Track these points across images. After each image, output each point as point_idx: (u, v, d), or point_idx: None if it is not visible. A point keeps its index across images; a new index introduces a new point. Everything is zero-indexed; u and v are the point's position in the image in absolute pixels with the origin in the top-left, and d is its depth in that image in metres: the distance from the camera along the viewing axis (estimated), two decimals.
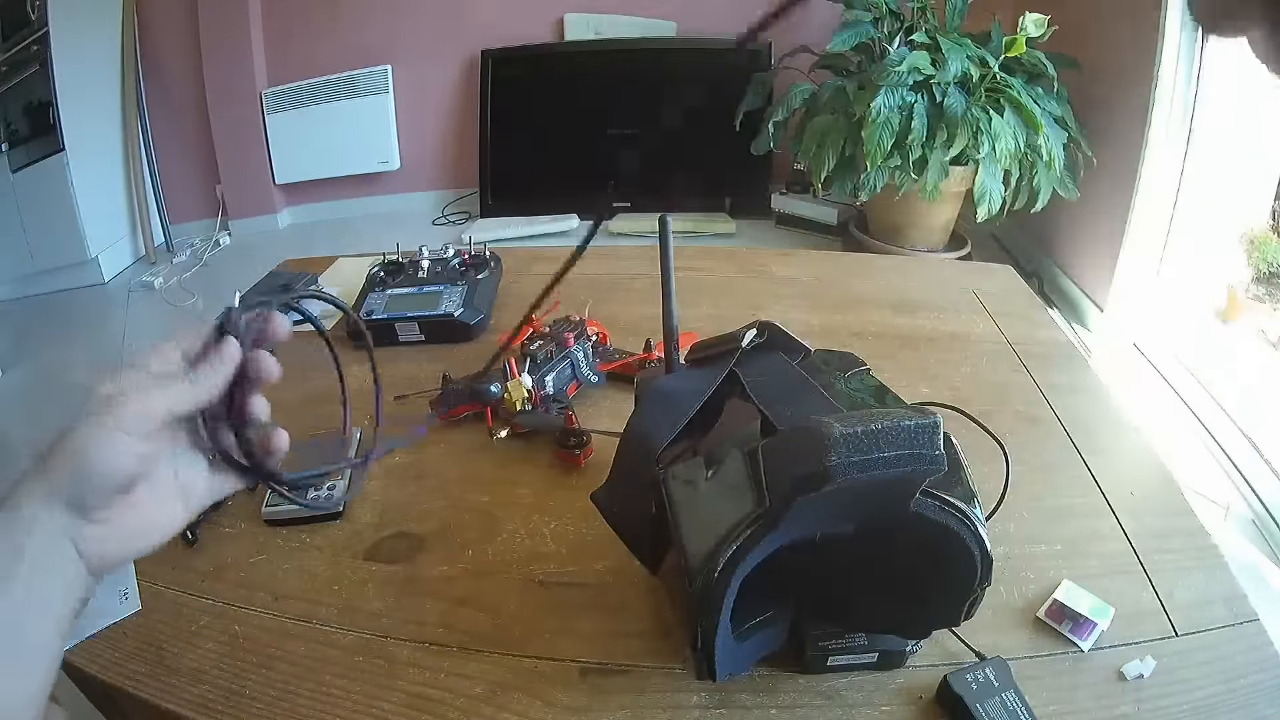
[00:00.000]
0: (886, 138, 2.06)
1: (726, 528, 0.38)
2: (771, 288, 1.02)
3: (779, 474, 0.37)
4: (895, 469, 0.35)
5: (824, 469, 0.34)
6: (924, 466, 0.36)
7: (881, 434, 0.35)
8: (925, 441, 0.35)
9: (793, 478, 0.36)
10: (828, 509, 0.38)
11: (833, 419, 0.35)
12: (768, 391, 0.45)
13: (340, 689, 0.50)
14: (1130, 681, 0.48)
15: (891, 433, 0.35)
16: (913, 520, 0.39)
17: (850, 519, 0.39)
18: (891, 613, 0.46)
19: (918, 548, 0.41)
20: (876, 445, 0.35)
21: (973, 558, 0.40)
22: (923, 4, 2.25)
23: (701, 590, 0.39)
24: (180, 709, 0.48)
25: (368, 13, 3.02)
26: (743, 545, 0.38)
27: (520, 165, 3.17)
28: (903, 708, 0.47)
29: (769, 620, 0.46)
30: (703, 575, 0.38)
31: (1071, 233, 2.38)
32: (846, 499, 0.36)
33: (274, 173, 3.17)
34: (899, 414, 0.36)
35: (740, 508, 0.38)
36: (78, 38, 2.62)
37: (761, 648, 0.47)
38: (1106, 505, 0.63)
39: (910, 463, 0.35)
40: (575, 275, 0.46)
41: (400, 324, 0.88)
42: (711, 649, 0.41)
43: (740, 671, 0.47)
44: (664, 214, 0.42)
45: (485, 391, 0.72)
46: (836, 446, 0.34)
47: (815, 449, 0.35)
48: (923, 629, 0.47)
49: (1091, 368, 0.86)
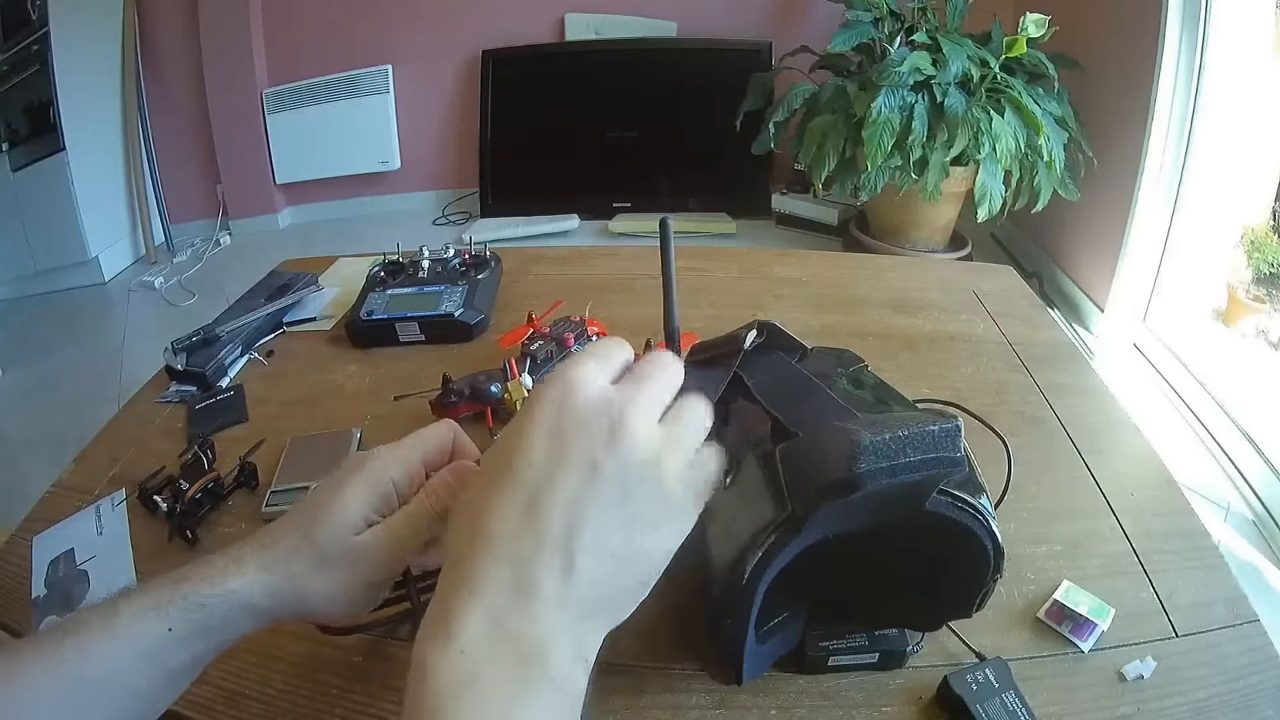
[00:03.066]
0: (887, 138, 2.06)
1: (750, 534, 0.38)
2: (771, 288, 1.01)
3: (801, 479, 0.37)
4: (920, 473, 0.36)
5: (854, 476, 0.35)
6: (946, 469, 0.36)
7: (908, 440, 0.35)
8: (949, 445, 0.36)
9: (820, 484, 0.36)
10: (847, 511, 0.38)
11: (859, 425, 0.36)
12: (775, 393, 0.45)
13: (340, 689, 0.50)
14: (1130, 682, 0.48)
15: (917, 438, 0.35)
16: (927, 518, 0.39)
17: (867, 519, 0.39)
18: (901, 608, 0.47)
19: (930, 542, 0.41)
20: (903, 451, 0.35)
21: (986, 551, 0.41)
22: (923, 4, 2.26)
23: (728, 596, 0.39)
24: (180, 709, 0.48)
25: (368, 13, 3.02)
26: (769, 551, 0.38)
27: (520, 165, 3.17)
28: (903, 708, 0.47)
29: (785, 622, 0.47)
30: (728, 582, 0.38)
31: (1071, 233, 2.38)
32: (868, 502, 0.36)
33: (274, 173, 3.17)
34: (922, 419, 0.36)
35: (762, 513, 0.38)
36: (78, 38, 2.62)
37: (780, 649, 0.48)
38: (1106, 505, 0.63)
39: (934, 466, 0.36)
40: (575, 275, 0.45)
41: (400, 324, 0.88)
42: (740, 654, 0.41)
43: (760, 673, 0.48)
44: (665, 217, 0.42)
45: (485, 391, 0.72)
46: (866, 454, 0.35)
47: (844, 456, 0.35)
48: (934, 622, 0.47)
49: (1092, 368, 0.86)
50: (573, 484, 0.28)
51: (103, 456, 0.73)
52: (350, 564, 0.37)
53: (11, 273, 2.74)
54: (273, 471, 0.67)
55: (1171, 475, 0.68)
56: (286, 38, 3.03)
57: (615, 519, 0.28)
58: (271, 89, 3.05)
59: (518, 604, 0.26)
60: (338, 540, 0.37)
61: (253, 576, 0.36)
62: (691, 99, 2.97)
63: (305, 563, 0.37)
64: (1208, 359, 1.90)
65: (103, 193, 2.83)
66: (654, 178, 3.07)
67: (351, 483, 0.38)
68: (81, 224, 2.71)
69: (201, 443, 0.71)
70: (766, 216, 3.00)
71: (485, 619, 0.26)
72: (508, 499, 0.28)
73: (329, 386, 0.82)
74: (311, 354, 0.89)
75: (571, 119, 3.11)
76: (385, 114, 3.14)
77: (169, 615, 0.34)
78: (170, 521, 0.62)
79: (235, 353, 0.86)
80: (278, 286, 0.97)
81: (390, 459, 0.39)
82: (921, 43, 2.13)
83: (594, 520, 0.28)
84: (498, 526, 0.28)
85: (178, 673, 0.36)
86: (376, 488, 0.38)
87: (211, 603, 0.35)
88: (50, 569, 0.60)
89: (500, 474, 0.29)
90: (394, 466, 0.39)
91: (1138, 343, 2.13)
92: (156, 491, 0.65)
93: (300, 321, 0.94)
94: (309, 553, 0.37)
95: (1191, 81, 1.88)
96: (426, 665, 0.25)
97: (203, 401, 0.79)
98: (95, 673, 0.33)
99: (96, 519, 0.64)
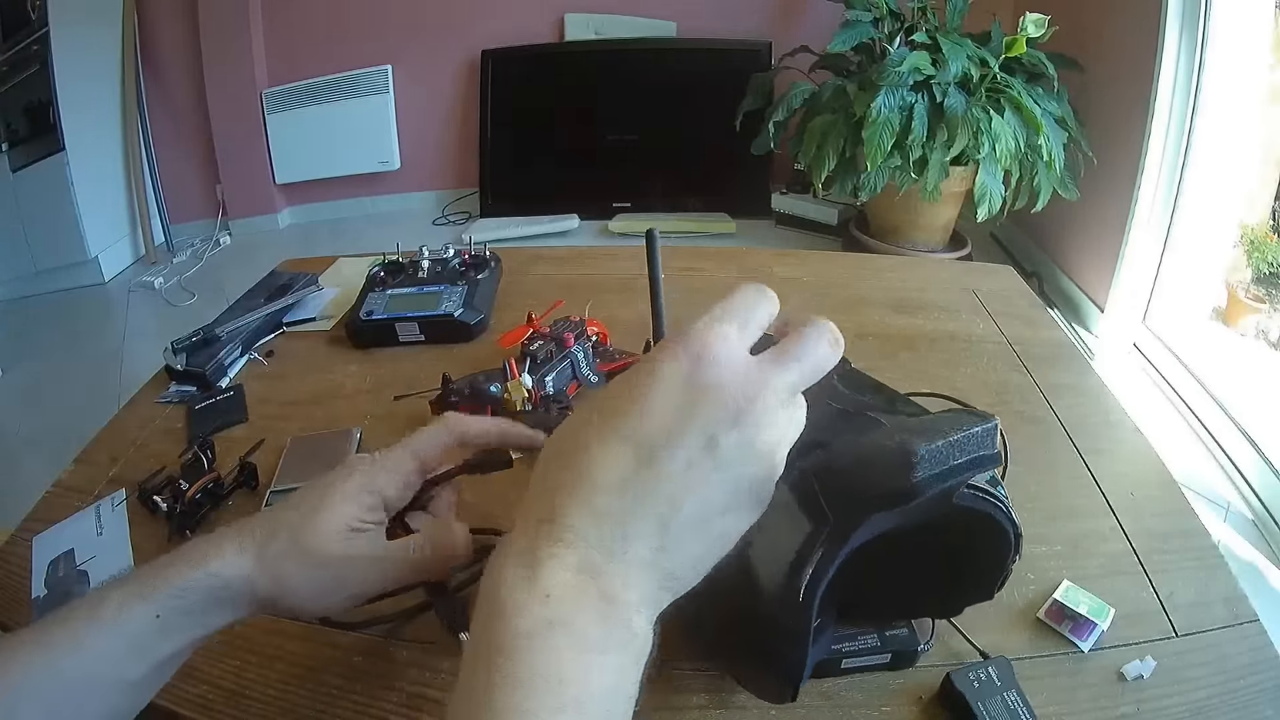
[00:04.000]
0: (887, 138, 2.06)
1: (795, 549, 0.38)
2: (771, 288, 1.01)
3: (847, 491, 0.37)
4: (966, 473, 0.36)
5: (912, 486, 0.35)
6: (988, 467, 0.37)
7: (958, 444, 0.36)
8: (990, 443, 0.37)
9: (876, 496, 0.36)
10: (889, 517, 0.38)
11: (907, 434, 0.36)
12: None
13: (340, 689, 0.50)
14: (1130, 682, 0.48)
15: (965, 441, 0.36)
16: (955, 510, 0.39)
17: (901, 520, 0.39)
18: (921, 598, 0.47)
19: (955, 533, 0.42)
20: (954, 455, 0.36)
21: (1008, 535, 0.42)
22: (923, 4, 2.26)
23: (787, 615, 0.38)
24: (180, 709, 0.48)
25: (368, 12, 3.02)
26: (820, 565, 0.37)
27: (520, 165, 3.17)
28: (904, 708, 0.47)
29: (819, 629, 0.46)
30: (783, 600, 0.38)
31: (1071, 233, 2.38)
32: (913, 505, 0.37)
33: (274, 173, 3.17)
34: (962, 421, 0.37)
35: (800, 526, 0.38)
36: (78, 38, 2.62)
37: (815, 658, 0.47)
38: (1106, 505, 0.63)
39: (978, 465, 0.36)
40: (575, 275, 0.45)
41: (400, 324, 0.88)
42: (801, 672, 0.41)
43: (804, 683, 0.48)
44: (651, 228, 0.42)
45: (485, 391, 0.72)
46: (922, 463, 0.35)
47: (899, 466, 0.35)
48: (954, 607, 0.48)
49: (1092, 368, 0.86)
50: (688, 455, 0.27)
51: (103, 456, 0.73)
52: (330, 567, 0.37)
53: (11, 273, 2.74)
54: (273, 471, 0.67)
55: (1171, 475, 0.68)
56: (286, 38, 3.03)
57: (718, 499, 0.27)
58: (271, 89, 3.05)
59: (610, 562, 0.26)
60: (320, 544, 0.37)
61: (231, 559, 0.37)
62: (691, 99, 2.97)
63: (286, 559, 0.37)
64: (1208, 359, 1.90)
65: (102, 193, 2.83)
66: (653, 178, 3.07)
67: (341, 488, 0.39)
68: (81, 224, 2.70)
69: (201, 443, 0.71)
70: (766, 216, 3.00)
71: (575, 569, 0.26)
72: (617, 452, 0.27)
73: (329, 386, 0.82)
74: (311, 354, 0.89)
75: (571, 119, 3.11)
76: (385, 114, 3.14)
77: (157, 601, 0.35)
78: (170, 522, 0.62)
79: (235, 353, 0.86)
80: (277, 286, 0.97)
81: (380, 467, 0.40)
82: (921, 43, 2.13)
83: (699, 497, 0.27)
84: (601, 477, 0.27)
85: (165, 663, 0.36)
86: (365, 496, 0.39)
87: (192, 584, 0.36)
88: (50, 569, 0.60)
89: (614, 424, 0.28)
90: (383, 475, 0.40)
91: (1138, 343, 2.13)
92: (156, 491, 0.65)
93: (300, 321, 0.94)
94: (291, 550, 0.37)
95: (1191, 81, 1.88)
96: (507, 606, 0.25)
97: (203, 401, 0.79)
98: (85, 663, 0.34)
99: (96, 519, 0.64)
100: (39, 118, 2.62)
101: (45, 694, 0.33)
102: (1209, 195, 1.94)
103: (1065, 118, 2.14)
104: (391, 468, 0.40)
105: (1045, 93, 2.14)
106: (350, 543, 0.38)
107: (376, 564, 0.39)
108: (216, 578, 0.36)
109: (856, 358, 0.50)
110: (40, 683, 0.33)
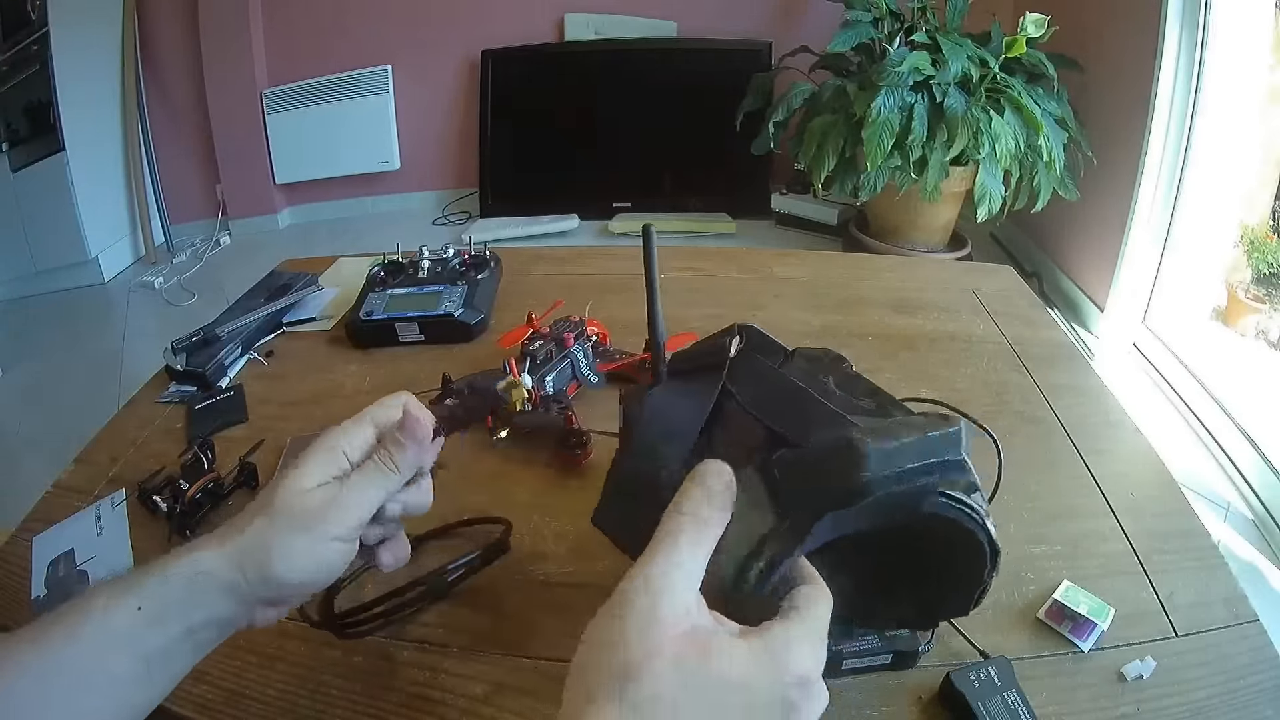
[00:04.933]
0: (887, 138, 2.06)
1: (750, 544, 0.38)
2: (771, 287, 1.01)
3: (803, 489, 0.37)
4: (925, 478, 0.36)
5: (860, 484, 0.35)
6: (950, 474, 0.36)
7: (911, 446, 0.35)
8: (952, 449, 0.36)
9: (825, 494, 0.36)
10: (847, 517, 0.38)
11: (861, 433, 0.36)
12: (765, 404, 0.45)
13: (340, 689, 0.50)
14: (1130, 682, 0.48)
15: (921, 444, 0.35)
16: (924, 518, 0.39)
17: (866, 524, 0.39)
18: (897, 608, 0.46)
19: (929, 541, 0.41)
20: (907, 458, 0.35)
21: (982, 548, 0.41)
22: (923, 4, 2.26)
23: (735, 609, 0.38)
24: (180, 709, 0.48)
25: (368, 12, 3.02)
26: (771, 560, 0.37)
27: (520, 165, 3.17)
28: (904, 708, 0.47)
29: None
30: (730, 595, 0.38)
31: (1071, 233, 2.38)
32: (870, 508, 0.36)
33: (274, 173, 3.17)
34: (924, 424, 0.36)
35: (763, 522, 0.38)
36: (78, 37, 2.62)
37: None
38: (1106, 505, 0.63)
39: (938, 470, 0.36)
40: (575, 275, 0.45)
41: (400, 324, 0.88)
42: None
43: None
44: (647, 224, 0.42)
45: (486, 391, 0.72)
46: (870, 462, 0.35)
47: (848, 465, 0.35)
48: (930, 620, 0.47)
49: (1091, 368, 0.86)
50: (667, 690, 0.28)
51: (103, 457, 0.73)
52: (310, 519, 0.38)
53: (11, 273, 2.74)
54: (272, 471, 0.68)
55: (1171, 475, 0.68)
56: (286, 38, 3.03)
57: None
58: (271, 89, 3.05)
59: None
60: (295, 501, 0.39)
61: (212, 547, 0.38)
62: (691, 99, 2.97)
63: (268, 529, 0.38)
64: (1207, 359, 1.90)
65: (103, 193, 2.83)
66: (653, 178, 3.07)
67: (307, 455, 0.41)
68: (81, 224, 2.71)
69: (201, 443, 0.71)
70: (766, 216, 3.00)
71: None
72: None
73: (329, 386, 0.83)
74: (311, 354, 0.89)
75: (571, 119, 3.11)
76: (385, 114, 3.14)
77: (138, 594, 0.36)
78: (170, 522, 0.62)
79: (235, 353, 0.86)
80: (277, 287, 0.97)
81: (341, 431, 0.43)
82: (921, 43, 2.13)
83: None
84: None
85: (154, 660, 0.36)
86: (329, 454, 0.41)
87: (173, 572, 0.37)
88: (50, 569, 0.60)
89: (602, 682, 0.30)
90: (344, 437, 0.42)
91: (1138, 343, 2.13)
92: (156, 492, 0.65)
93: (300, 322, 0.94)
94: (270, 519, 0.38)
95: (1191, 81, 1.88)
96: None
97: (203, 402, 0.79)
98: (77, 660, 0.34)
99: (96, 519, 0.64)
100: (39, 118, 2.62)
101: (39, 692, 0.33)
102: (1209, 195, 1.94)
103: (1065, 118, 2.14)
104: (351, 431, 0.43)
105: (1045, 93, 2.14)
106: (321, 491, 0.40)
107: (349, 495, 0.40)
108: (196, 564, 0.37)
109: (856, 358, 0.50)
110: (35, 681, 0.33)
